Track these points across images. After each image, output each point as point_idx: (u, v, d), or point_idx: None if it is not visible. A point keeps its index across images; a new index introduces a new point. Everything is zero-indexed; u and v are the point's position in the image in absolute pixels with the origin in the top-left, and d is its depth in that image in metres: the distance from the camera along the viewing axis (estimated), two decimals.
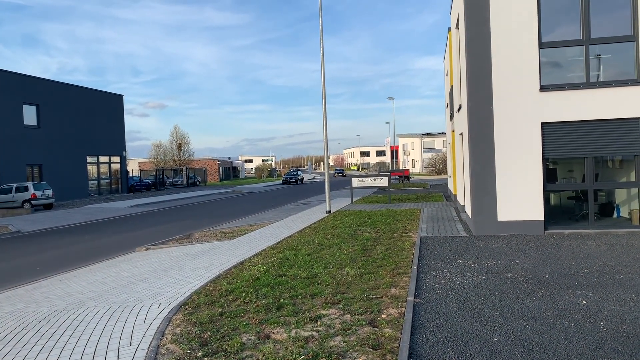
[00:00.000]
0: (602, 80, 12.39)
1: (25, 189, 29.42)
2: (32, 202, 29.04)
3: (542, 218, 12.30)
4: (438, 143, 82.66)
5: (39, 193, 29.57)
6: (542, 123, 12.32)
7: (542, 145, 12.33)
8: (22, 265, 12.89)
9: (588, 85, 12.18)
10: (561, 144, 12.37)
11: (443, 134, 79.07)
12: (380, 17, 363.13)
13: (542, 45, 12.34)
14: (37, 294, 9.08)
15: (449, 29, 21.65)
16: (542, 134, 12.33)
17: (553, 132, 12.34)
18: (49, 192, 30.35)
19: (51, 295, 8.84)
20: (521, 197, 12.36)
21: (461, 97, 15.49)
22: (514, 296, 7.09)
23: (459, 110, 16.62)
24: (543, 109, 12.29)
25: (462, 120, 15.31)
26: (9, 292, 9.53)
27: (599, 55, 12.47)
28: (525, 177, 12.34)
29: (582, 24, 12.14)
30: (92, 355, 5.53)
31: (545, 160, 12.42)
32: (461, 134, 16.33)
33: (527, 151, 12.34)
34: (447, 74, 25.03)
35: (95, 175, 42.03)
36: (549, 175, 12.75)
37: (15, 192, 29.33)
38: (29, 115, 34.72)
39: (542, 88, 12.31)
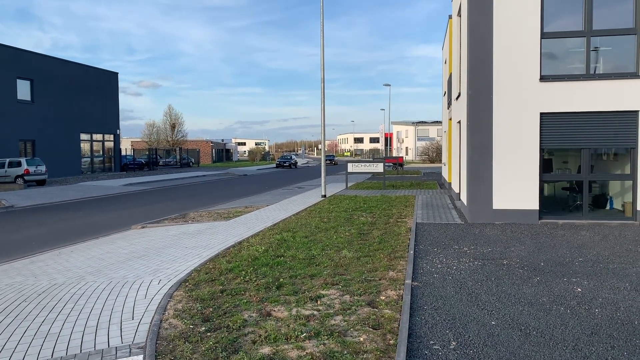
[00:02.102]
0: (601, 72, 12.45)
1: (18, 164, 29.22)
2: (25, 177, 28.86)
3: (537, 207, 12.43)
4: (432, 131, 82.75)
5: (32, 169, 29.38)
6: (541, 113, 12.40)
7: (540, 135, 12.42)
8: (18, 239, 12.87)
9: (588, 77, 12.24)
10: (559, 135, 12.47)
11: (437, 122, 79.17)
12: (378, 3, 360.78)
13: (543, 35, 12.36)
14: (34, 267, 9.10)
15: (450, 17, 21.59)
16: (541, 124, 12.41)
17: (551, 123, 12.42)
18: (42, 168, 30.15)
19: (49, 269, 8.86)
20: (517, 186, 12.48)
21: (460, 85, 15.52)
22: (510, 282, 7.20)
23: (457, 98, 16.66)
24: (542, 99, 12.35)
25: (460, 108, 15.36)
26: (6, 265, 9.53)
27: (600, 47, 12.52)
28: (521, 167, 12.44)
29: (585, 16, 12.16)
30: (94, 327, 5.58)
31: (542, 150, 12.52)
32: (459, 122, 16.38)
33: (524, 140, 12.42)
34: (445, 62, 25.01)
35: (89, 153, 41.77)
36: (545, 166, 12.86)
37: (8, 167, 29.13)
38: (23, 90, 34.37)
39: (542, 78, 12.36)
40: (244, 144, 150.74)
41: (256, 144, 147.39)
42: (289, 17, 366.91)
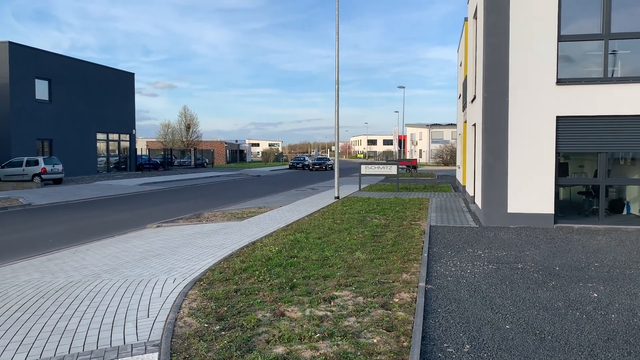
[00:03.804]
0: (620, 76, 12.33)
1: (36, 163, 29.62)
2: (42, 176, 29.24)
3: (553, 211, 12.33)
4: (447, 134, 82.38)
5: (49, 167, 29.76)
6: (557, 117, 12.30)
7: (556, 138, 12.32)
8: (35, 237, 13.05)
9: (606, 80, 12.13)
10: (575, 139, 12.36)
11: (452, 125, 78.81)
12: (393, 5, 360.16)
13: (561, 38, 12.27)
14: (51, 265, 9.22)
15: (466, 19, 21.51)
16: (557, 128, 12.31)
17: (568, 126, 12.32)
18: (59, 167, 30.53)
19: (66, 266, 8.97)
20: (532, 189, 12.38)
21: (476, 88, 15.46)
22: (524, 286, 7.16)
23: (472, 101, 16.58)
24: (559, 102, 12.26)
25: (475, 111, 15.29)
26: (24, 262, 9.68)
27: (618, 50, 12.40)
28: (537, 170, 12.35)
29: (603, 19, 12.05)
30: (110, 325, 5.65)
31: (557, 154, 12.42)
32: (474, 124, 16.31)
33: (540, 144, 12.33)
34: (460, 65, 24.90)
35: (105, 153, 42.21)
36: (561, 169, 12.75)
37: (26, 166, 29.54)
38: (41, 89, 34.82)
39: (559, 81, 12.27)
40: (258, 145, 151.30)
41: (270, 145, 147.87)
42: (304, 19, 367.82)
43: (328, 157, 68.11)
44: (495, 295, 6.74)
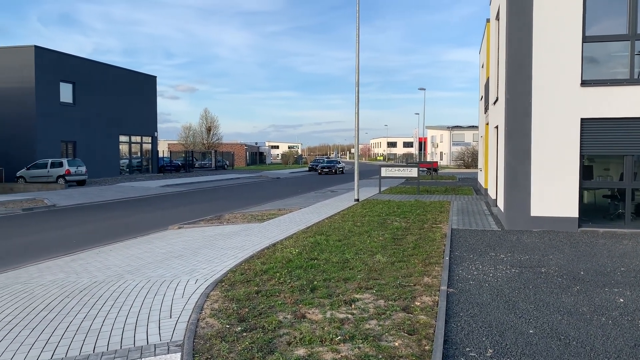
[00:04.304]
0: None
1: (60, 164, 30.15)
2: (66, 177, 29.75)
3: (577, 215, 12.13)
4: (468, 136, 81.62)
5: (73, 169, 30.27)
6: (582, 119, 12.10)
7: (581, 141, 12.12)
8: (59, 237, 13.28)
9: (632, 81, 11.90)
10: (600, 141, 12.15)
11: (473, 127, 78.11)
12: (413, 7, 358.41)
13: (585, 39, 12.08)
14: (75, 265, 9.37)
15: (488, 20, 21.32)
16: (581, 130, 12.12)
17: (592, 129, 12.12)
18: (83, 169, 31.03)
19: (89, 267, 9.10)
20: (556, 193, 12.20)
21: (498, 90, 15.30)
22: (548, 291, 7.05)
23: (495, 103, 16.42)
24: (583, 104, 12.07)
25: (498, 113, 15.14)
26: (49, 262, 9.85)
27: None
28: (561, 173, 12.17)
29: (629, 19, 11.84)
30: (134, 325, 5.72)
31: (582, 156, 12.22)
32: (496, 127, 16.15)
33: (564, 146, 12.15)
34: (482, 66, 24.68)
35: (127, 155, 42.78)
36: (585, 172, 12.55)
37: (51, 168, 30.09)
38: (66, 92, 35.43)
39: (584, 83, 12.08)
40: (277, 147, 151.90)
41: (289, 147, 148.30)
42: (324, 21, 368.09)
43: (338, 159, 64.96)
44: (518, 299, 6.65)
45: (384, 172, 24.44)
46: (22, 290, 7.50)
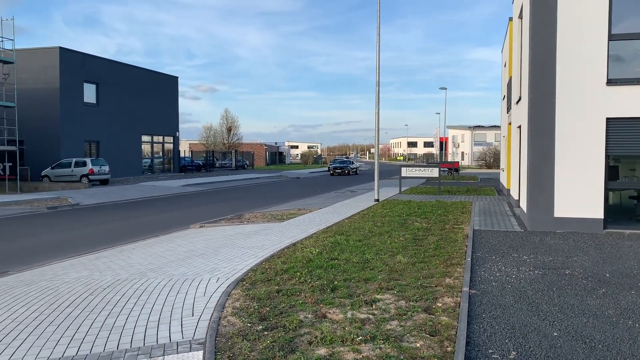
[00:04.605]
0: None
1: (84, 164, 30.65)
2: (90, 177, 30.23)
3: (602, 216, 11.91)
4: (490, 136, 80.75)
5: (96, 168, 30.74)
6: (607, 118, 11.88)
7: (606, 141, 11.90)
8: (83, 235, 13.49)
9: None
10: (627, 141, 11.92)
11: (495, 127, 77.23)
12: (435, 6, 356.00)
13: (611, 37, 11.85)
14: (99, 263, 9.51)
15: (510, 19, 21.07)
16: (607, 130, 11.89)
17: (618, 128, 11.88)
18: (106, 168, 31.50)
19: (113, 265, 9.23)
20: (580, 193, 12.00)
21: (521, 89, 15.11)
22: (573, 293, 6.94)
23: (517, 102, 16.22)
24: (609, 103, 11.84)
25: (521, 112, 14.95)
26: (73, 259, 10.01)
27: None
28: (585, 173, 11.96)
29: None
30: (156, 322, 5.78)
31: (607, 157, 12.00)
32: (519, 126, 15.95)
33: (589, 147, 11.93)
34: (505, 66, 24.40)
35: (149, 154, 43.29)
36: (611, 173, 12.31)
37: (74, 167, 30.60)
38: (89, 93, 35.99)
39: (610, 82, 11.85)
40: (297, 147, 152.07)
41: (309, 147, 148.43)
42: (344, 21, 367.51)
43: (352, 160, 61.32)
44: (542, 301, 6.56)
45: (405, 172, 24.31)
46: (48, 287, 7.63)
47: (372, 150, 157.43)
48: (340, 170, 48.48)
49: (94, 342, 5.24)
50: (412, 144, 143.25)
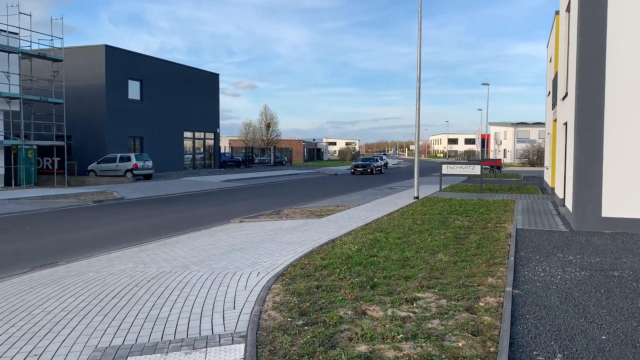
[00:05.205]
0: None
1: (128, 159, 31.48)
2: (134, 171, 31.03)
3: None
4: (533, 133, 78.81)
5: (140, 163, 31.52)
6: None
7: None
8: (128, 229, 13.87)
9: None
10: None
11: (539, 123, 75.31)
12: (477, 0, 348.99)
13: None
14: (143, 255, 9.74)
15: (557, 13, 20.46)
16: None
17: None
18: (149, 163, 32.27)
19: (156, 257, 9.44)
20: (630, 192, 11.57)
21: (568, 85, 14.67)
22: (622, 295, 6.70)
23: (563, 98, 15.75)
24: None
25: (567, 109, 14.52)
26: (118, 252, 10.30)
27: None
28: (636, 172, 11.52)
29: None
30: (199, 314, 5.89)
31: None
32: (565, 123, 15.50)
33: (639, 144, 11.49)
34: (550, 61, 23.74)
35: (191, 150, 44.10)
36: None
37: (119, 162, 31.48)
38: (134, 90, 36.93)
39: None
40: (335, 143, 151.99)
41: (346, 144, 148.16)
42: (383, 17, 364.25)
43: (378, 157, 56.19)
44: (589, 303, 6.36)
45: (445, 169, 23.99)
46: (95, 278, 7.87)
47: (412, 147, 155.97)
48: (362, 169, 43.99)
49: (139, 333, 5.38)
50: (453, 141, 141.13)
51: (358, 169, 44.14)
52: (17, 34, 26.77)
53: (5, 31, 25.94)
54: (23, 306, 6.48)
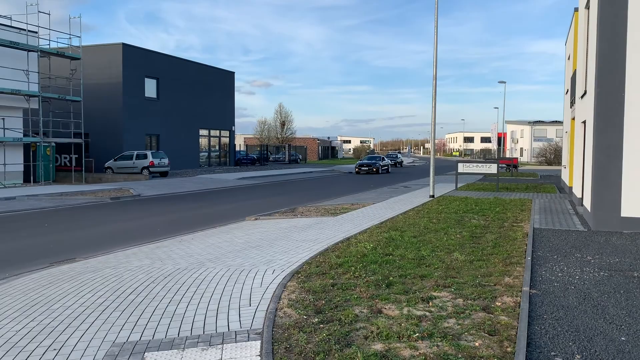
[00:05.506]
0: None
1: (145, 156, 31.76)
2: (150, 169, 31.29)
3: None
4: (550, 132, 77.96)
5: (156, 161, 31.78)
6: None
7: None
8: (144, 225, 13.98)
9: None
10: None
11: (556, 122, 74.49)
12: None
13: None
14: (160, 252, 9.82)
15: (576, 10, 20.20)
16: None
17: None
18: (165, 161, 32.52)
19: (173, 254, 9.51)
20: None
21: (587, 83, 14.47)
22: None
23: (582, 96, 15.55)
24: None
25: (586, 107, 14.33)
26: (135, 248, 10.39)
27: None
28: None
29: None
30: (215, 311, 5.92)
31: None
32: (583, 122, 15.30)
33: None
34: (568, 58, 23.45)
35: (206, 148, 44.35)
36: None
37: (136, 159, 31.76)
38: (150, 88, 37.20)
39: None
40: (349, 141, 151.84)
41: (361, 142, 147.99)
42: (399, 14, 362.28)
43: (383, 155, 53.77)
44: (608, 304, 6.28)
45: (461, 168, 23.83)
46: (112, 274, 7.95)
47: (427, 145, 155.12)
48: (367, 168, 41.49)
49: (156, 329, 5.42)
50: (469, 139, 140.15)
51: (363, 168, 41.91)
52: (36, 32, 27.12)
53: (24, 30, 26.28)
54: (42, 301, 6.57)
